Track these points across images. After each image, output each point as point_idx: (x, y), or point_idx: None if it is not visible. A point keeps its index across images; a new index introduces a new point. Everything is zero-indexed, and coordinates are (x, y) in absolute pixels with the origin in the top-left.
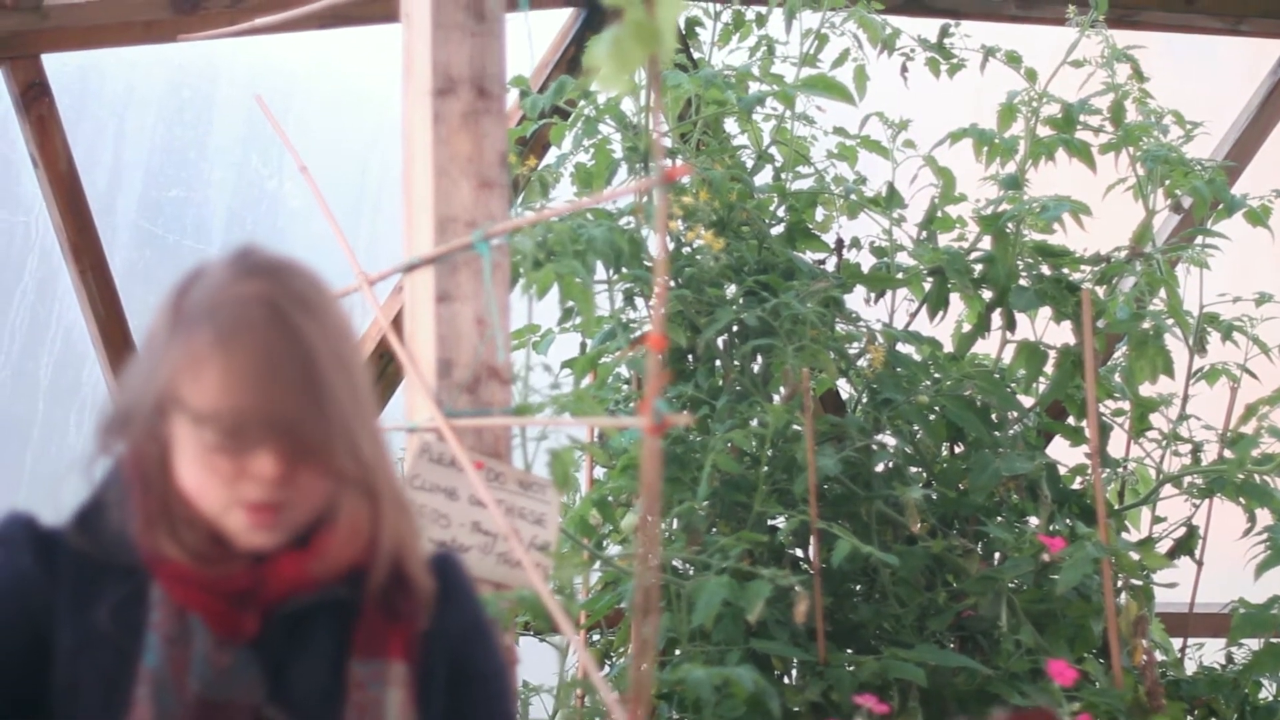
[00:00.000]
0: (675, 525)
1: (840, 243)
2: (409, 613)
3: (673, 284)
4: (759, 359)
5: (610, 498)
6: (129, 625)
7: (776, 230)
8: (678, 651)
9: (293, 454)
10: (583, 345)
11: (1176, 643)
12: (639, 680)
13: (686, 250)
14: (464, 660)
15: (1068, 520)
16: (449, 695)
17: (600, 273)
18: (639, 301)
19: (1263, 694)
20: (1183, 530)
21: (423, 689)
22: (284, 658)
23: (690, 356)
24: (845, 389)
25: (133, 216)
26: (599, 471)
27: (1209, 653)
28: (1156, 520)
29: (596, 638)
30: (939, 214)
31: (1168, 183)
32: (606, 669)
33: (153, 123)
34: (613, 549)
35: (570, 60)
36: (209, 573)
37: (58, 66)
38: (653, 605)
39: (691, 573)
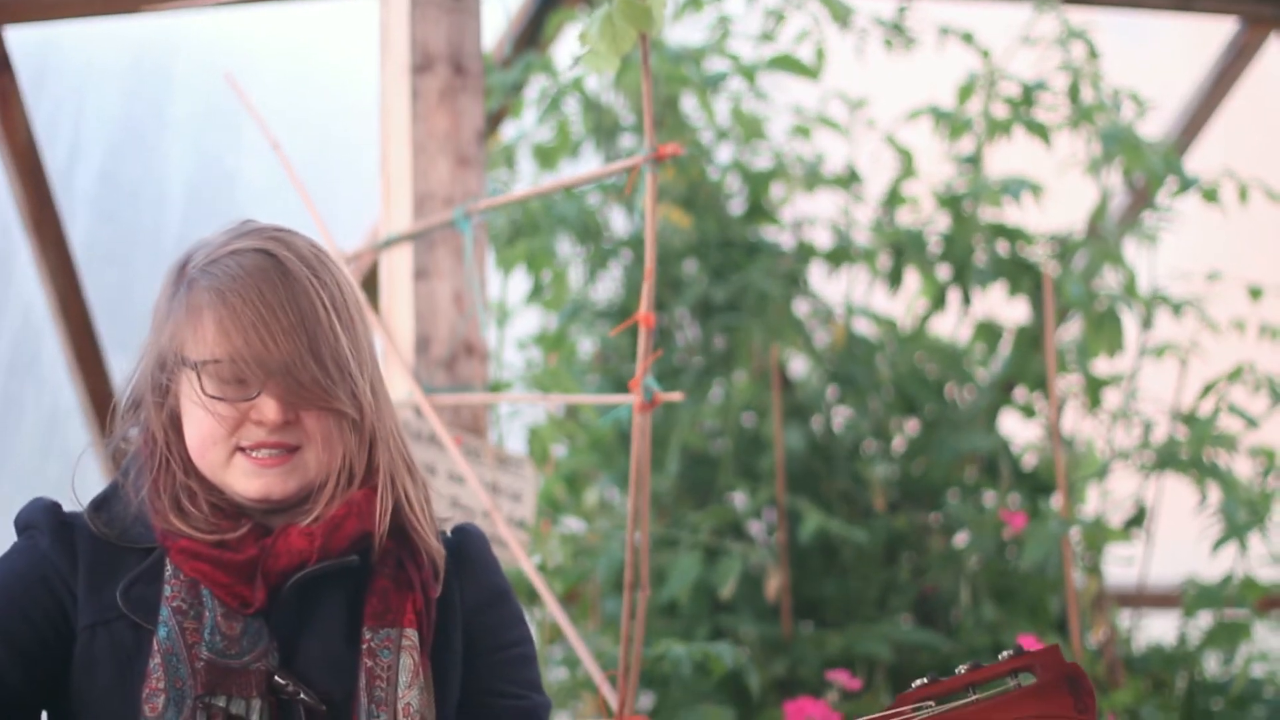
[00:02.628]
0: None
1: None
2: (420, 581)
3: (637, 262)
4: (723, 336)
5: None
6: (143, 601)
7: (736, 208)
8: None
9: (289, 394)
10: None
11: (1124, 618)
12: (629, 655)
13: None
14: (482, 630)
15: (1018, 496)
16: (469, 664)
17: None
18: (601, 279)
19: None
20: (1133, 506)
21: (439, 657)
22: (295, 626)
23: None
24: (796, 369)
25: (92, 192)
26: (559, 448)
27: (1155, 629)
28: (1104, 496)
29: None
30: (898, 192)
31: (1122, 162)
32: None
33: (112, 98)
34: (574, 523)
35: (528, 36)
36: (216, 543)
37: (17, 40)
38: (643, 579)
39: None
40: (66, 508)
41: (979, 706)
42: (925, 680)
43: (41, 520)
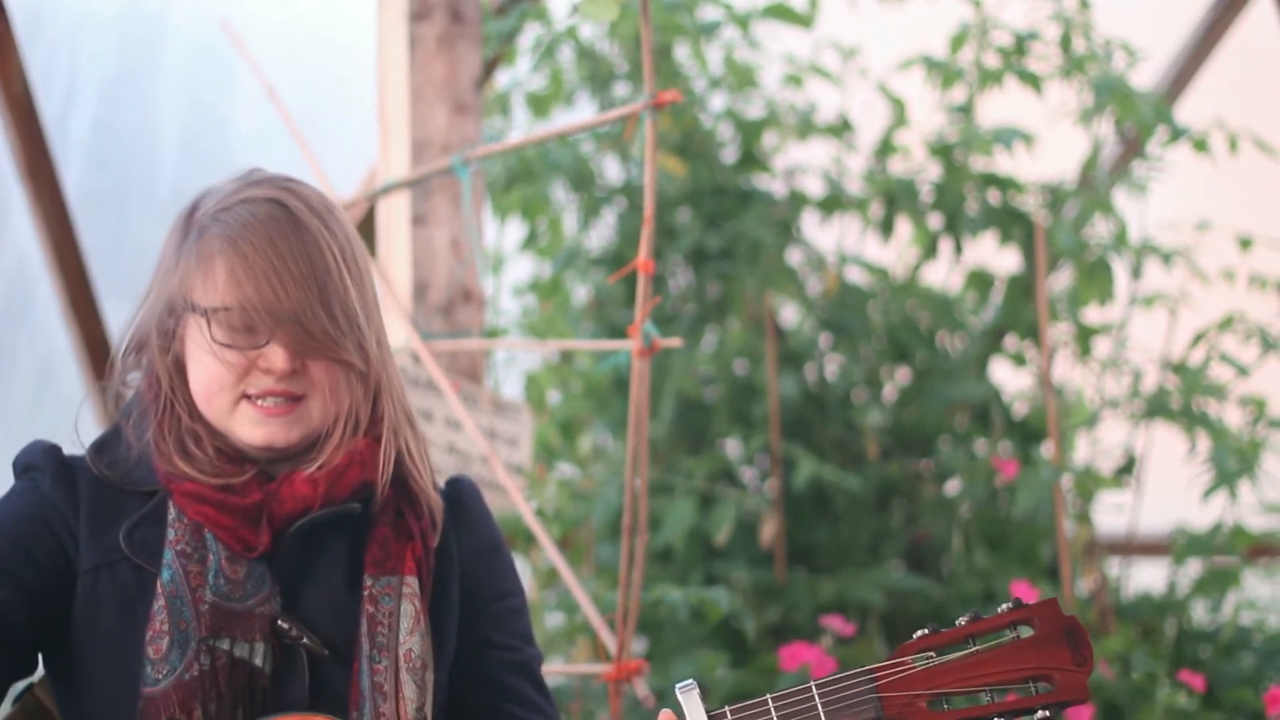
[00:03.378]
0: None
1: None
2: (420, 530)
3: (632, 209)
4: (716, 284)
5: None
6: (147, 544)
7: (729, 157)
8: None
9: (298, 344)
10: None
11: (1114, 566)
12: (627, 599)
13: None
14: (479, 578)
15: (1009, 444)
16: (464, 614)
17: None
18: (595, 226)
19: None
20: (1122, 455)
21: (437, 606)
22: (297, 572)
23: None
24: (789, 317)
25: (87, 139)
26: (554, 395)
27: (1145, 577)
28: (1094, 445)
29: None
30: (890, 141)
31: (1113, 111)
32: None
33: (107, 45)
34: (568, 469)
35: None
36: (221, 487)
37: None
38: (641, 524)
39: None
40: (67, 450)
41: (979, 658)
42: (926, 631)
43: (43, 462)
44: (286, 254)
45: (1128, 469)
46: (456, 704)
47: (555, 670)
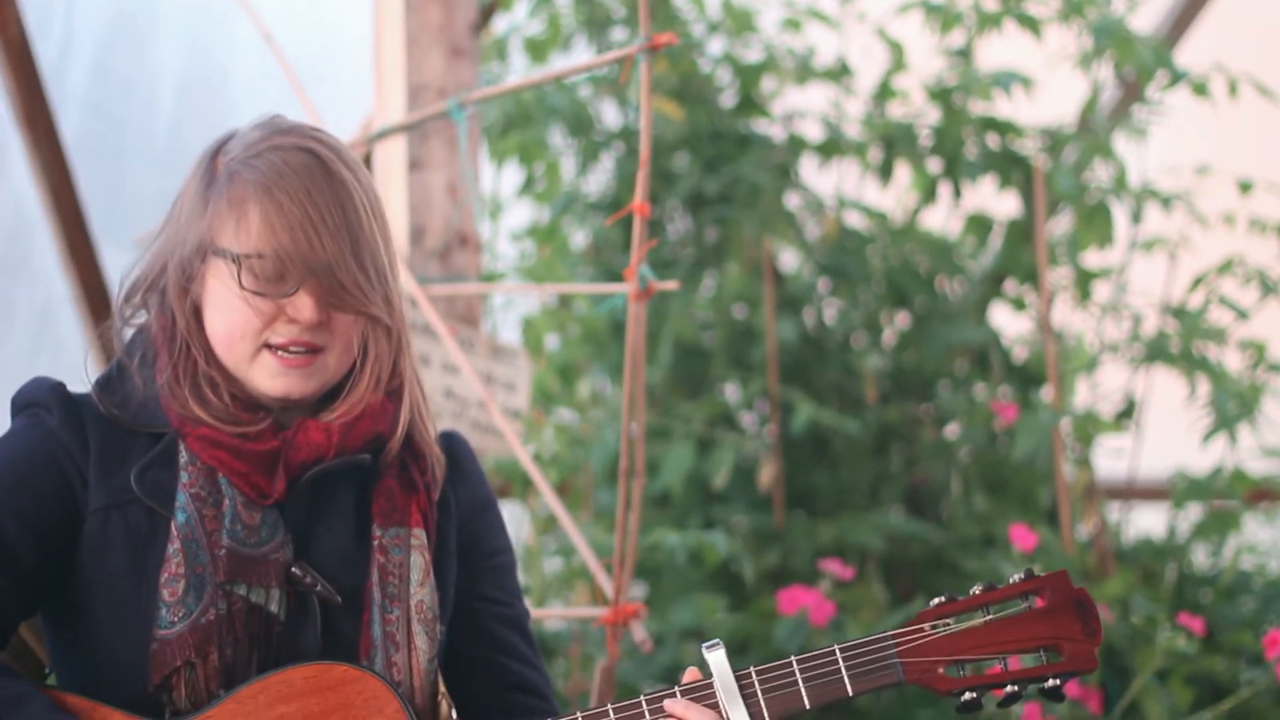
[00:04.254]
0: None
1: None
2: (424, 483)
3: (630, 154)
4: (714, 229)
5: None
6: (159, 487)
7: (728, 101)
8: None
9: (329, 295)
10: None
11: (1114, 511)
12: (624, 543)
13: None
14: (476, 533)
15: (1009, 388)
16: (462, 566)
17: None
18: (593, 171)
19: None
20: (1122, 400)
21: (439, 558)
22: (307, 520)
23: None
24: (788, 262)
25: (84, 86)
26: (552, 340)
27: (1145, 522)
28: (1094, 389)
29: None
30: (889, 86)
31: (1112, 55)
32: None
33: None
34: (567, 414)
35: None
36: (237, 434)
37: None
38: (638, 467)
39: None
40: (71, 388)
41: (993, 626)
42: (943, 599)
43: (48, 399)
44: (322, 204)
45: (1128, 413)
46: (450, 653)
47: (553, 614)
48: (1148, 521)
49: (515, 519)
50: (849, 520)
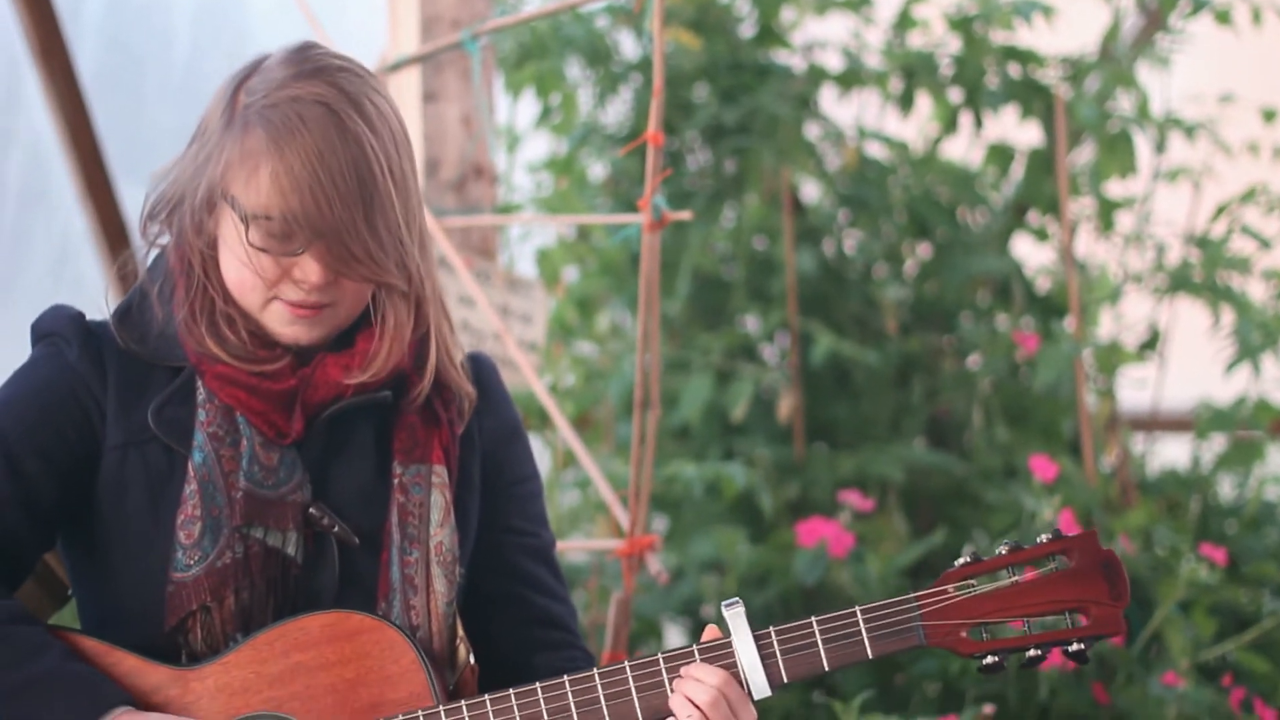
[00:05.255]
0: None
1: None
2: (447, 418)
3: (648, 85)
4: (733, 160)
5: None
6: (177, 424)
7: (747, 31)
8: None
9: (337, 262)
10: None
11: (1138, 442)
12: (639, 475)
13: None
14: (500, 462)
15: (1032, 320)
16: (486, 496)
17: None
18: (611, 103)
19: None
20: (1146, 330)
21: (460, 491)
22: (326, 459)
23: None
24: (809, 195)
25: (100, 19)
26: (571, 272)
27: (1169, 453)
28: (1118, 320)
29: None
30: (909, 15)
31: None
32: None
33: None
34: (586, 347)
35: None
36: (255, 373)
37: None
38: (653, 399)
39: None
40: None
41: (1018, 588)
42: (967, 559)
43: (67, 329)
44: (334, 167)
45: (1151, 344)
46: (472, 590)
47: (568, 546)
48: (1172, 453)
49: (535, 453)
50: (870, 452)
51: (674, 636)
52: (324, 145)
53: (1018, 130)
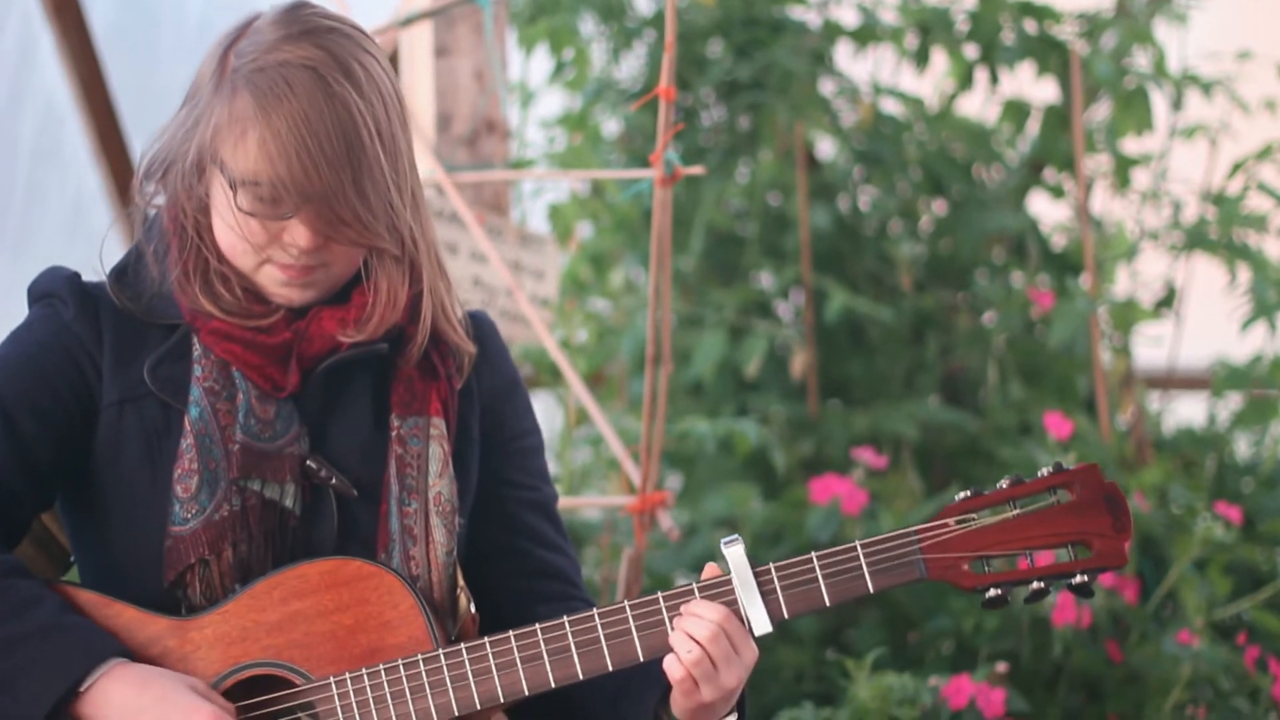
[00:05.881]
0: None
1: None
2: (446, 372)
3: (663, 41)
4: (748, 116)
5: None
6: (173, 380)
7: None
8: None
9: (326, 226)
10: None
11: (1154, 400)
12: (650, 430)
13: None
14: (500, 417)
15: (1048, 278)
16: (487, 451)
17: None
18: (625, 59)
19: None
20: (1162, 288)
21: (460, 446)
22: (323, 412)
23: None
24: (824, 151)
25: None
26: (584, 229)
27: (1185, 412)
28: (1134, 277)
29: None
30: None
31: None
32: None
33: None
34: (600, 304)
35: None
36: (249, 328)
37: None
38: (665, 355)
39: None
40: (86, 277)
41: (1019, 521)
42: (968, 493)
43: (63, 289)
44: (321, 132)
45: (1167, 301)
46: (473, 544)
47: (580, 503)
48: (1188, 411)
49: (547, 410)
50: (884, 409)
51: None
52: (311, 110)
53: (1033, 87)
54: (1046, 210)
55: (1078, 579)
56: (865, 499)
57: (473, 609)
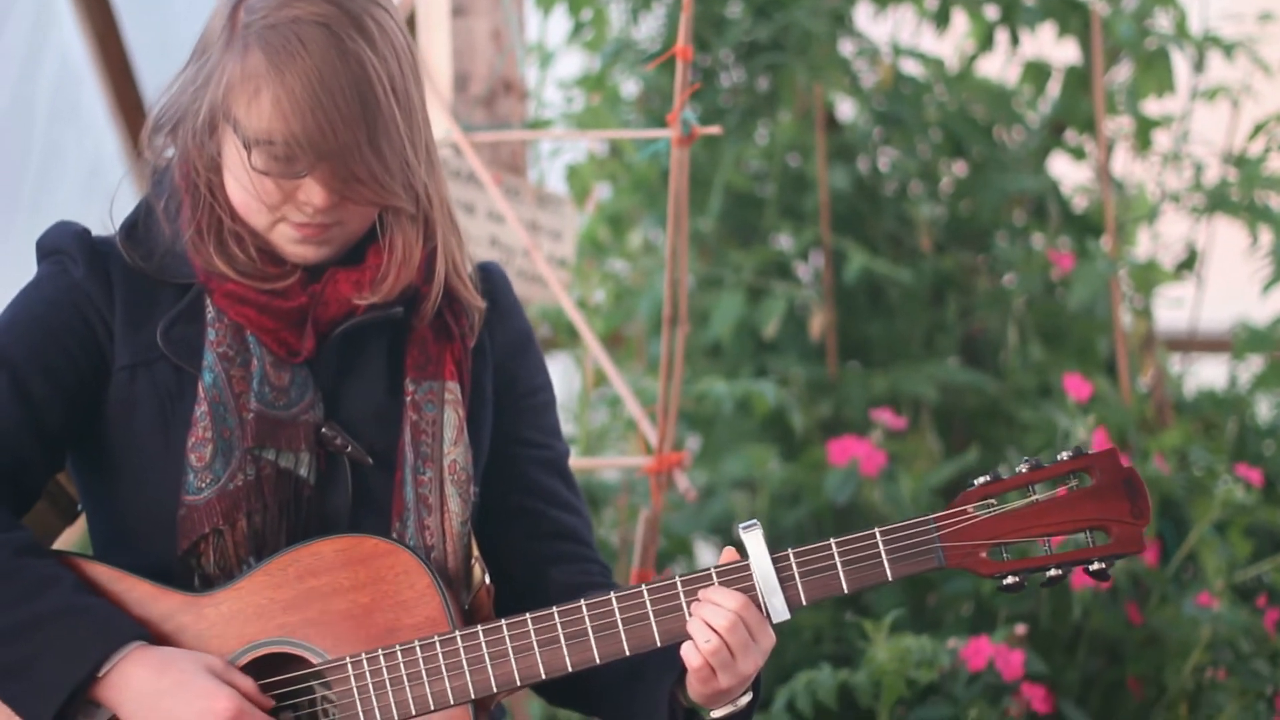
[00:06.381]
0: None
1: None
2: (459, 331)
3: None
4: (767, 77)
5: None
6: (186, 343)
7: None
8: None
9: (341, 184)
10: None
11: (1176, 363)
12: (667, 390)
13: None
14: (512, 373)
15: (1069, 240)
16: (499, 409)
17: None
18: (644, 19)
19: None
20: (1184, 250)
21: (473, 405)
22: (338, 377)
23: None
24: (844, 113)
25: None
26: (603, 190)
27: (1206, 375)
28: (1155, 239)
29: None
30: None
31: None
32: None
33: None
34: (618, 265)
35: None
36: (264, 290)
37: None
38: (682, 315)
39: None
40: (95, 233)
41: (1038, 507)
42: (987, 479)
43: (72, 246)
44: (336, 89)
45: (1189, 263)
46: (484, 505)
47: (597, 464)
48: (1209, 374)
49: (565, 371)
50: (903, 370)
51: (705, 554)
52: (324, 67)
53: (1055, 48)
54: (1067, 172)
55: (1095, 565)
56: (884, 460)
57: (487, 580)
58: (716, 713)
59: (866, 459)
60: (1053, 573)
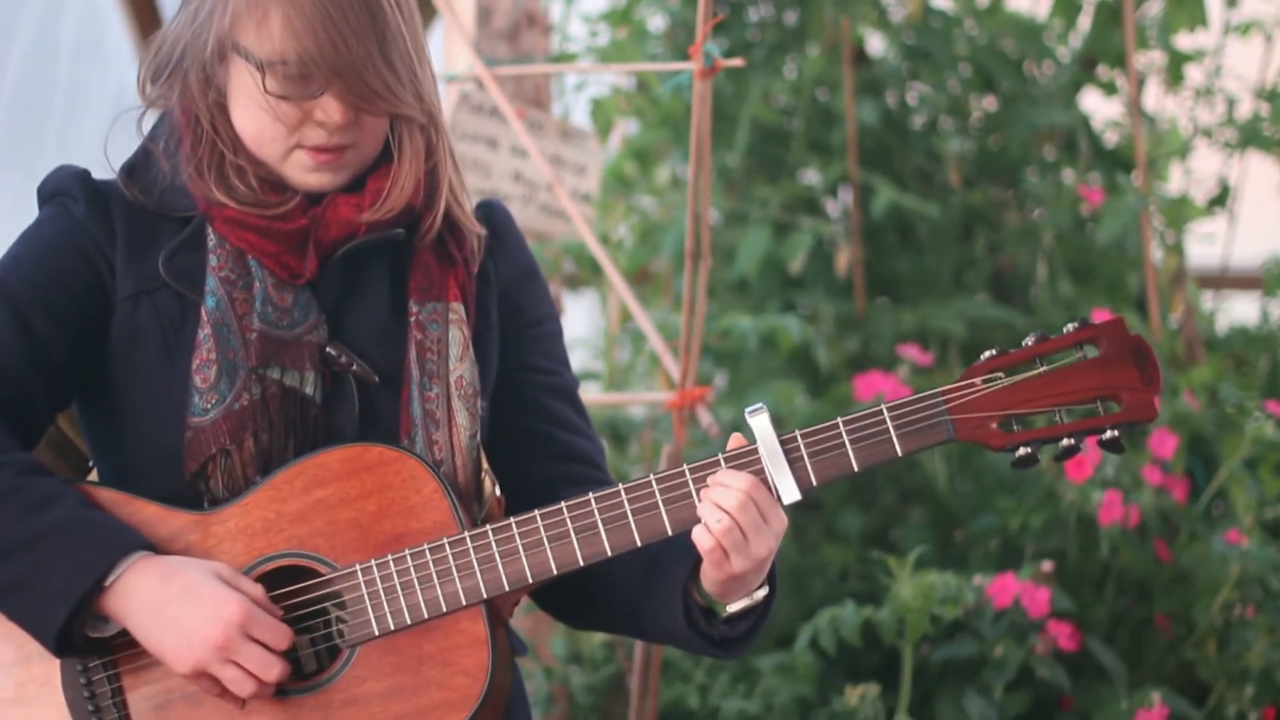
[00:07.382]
0: (713, 177)
1: None
2: (462, 256)
3: None
4: (794, 11)
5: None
6: (188, 271)
7: None
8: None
9: (357, 98)
10: None
11: (1208, 300)
12: (690, 325)
13: None
14: (518, 303)
15: (1099, 175)
16: (505, 338)
17: None
18: None
19: None
20: (1216, 185)
21: (479, 332)
22: (341, 299)
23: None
24: (873, 47)
25: None
26: (630, 126)
27: (1238, 312)
28: (1187, 175)
29: None
30: None
31: None
32: None
33: None
34: (645, 201)
35: None
36: (265, 216)
37: None
38: (704, 249)
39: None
40: (96, 175)
41: (1047, 378)
42: (994, 353)
43: (73, 187)
44: (344, 4)
45: (1220, 199)
46: (495, 431)
47: (618, 399)
48: (1241, 311)
49: (590, 308)
50: (931, 306)
51: None
52: None
53: None
54: (1098, 106)
55: (1108, 434)
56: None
57: (498, 491)
58: (732, 606)
59: (892, 394)
60: (1066, 442)
